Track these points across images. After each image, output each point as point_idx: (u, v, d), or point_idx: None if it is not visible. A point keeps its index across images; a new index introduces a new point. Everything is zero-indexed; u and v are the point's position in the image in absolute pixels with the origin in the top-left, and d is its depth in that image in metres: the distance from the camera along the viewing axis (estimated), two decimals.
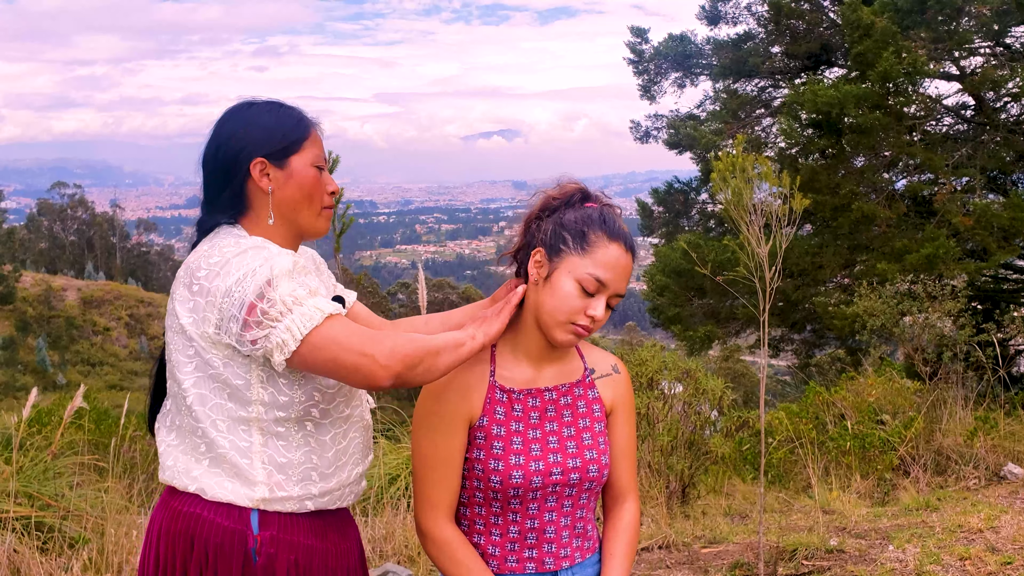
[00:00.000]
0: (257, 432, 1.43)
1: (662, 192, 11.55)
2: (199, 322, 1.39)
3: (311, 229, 1.54)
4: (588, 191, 1.59)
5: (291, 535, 1.45)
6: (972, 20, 8.26)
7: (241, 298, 1.35)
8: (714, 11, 10.98)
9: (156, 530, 1.48)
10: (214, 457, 1.44)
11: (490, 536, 1.54)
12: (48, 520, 3.75)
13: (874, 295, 6.93)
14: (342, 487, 1.53)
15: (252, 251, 1.40)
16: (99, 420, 5.79)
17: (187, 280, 1.41)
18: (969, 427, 5.57)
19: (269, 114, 1.51)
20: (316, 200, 1.52)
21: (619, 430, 1.64)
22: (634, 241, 1.55)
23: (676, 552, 3.84)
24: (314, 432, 1.47)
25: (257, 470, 1.43)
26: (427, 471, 1.52)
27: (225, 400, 1.42)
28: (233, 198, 1.49)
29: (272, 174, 1.49)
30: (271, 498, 1.44)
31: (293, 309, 1.35)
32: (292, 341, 1.35)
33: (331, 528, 1.53)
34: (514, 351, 1.58)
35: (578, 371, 1.62)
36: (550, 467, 1.52)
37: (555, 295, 1.49)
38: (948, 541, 3.48)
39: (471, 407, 1.53)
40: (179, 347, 1.44)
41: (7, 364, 40.42)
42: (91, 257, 59.38)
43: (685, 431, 4.79)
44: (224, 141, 1.50)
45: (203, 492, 1.44)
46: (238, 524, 1.42)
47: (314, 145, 1.53)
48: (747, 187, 3.41)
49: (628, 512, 1.65)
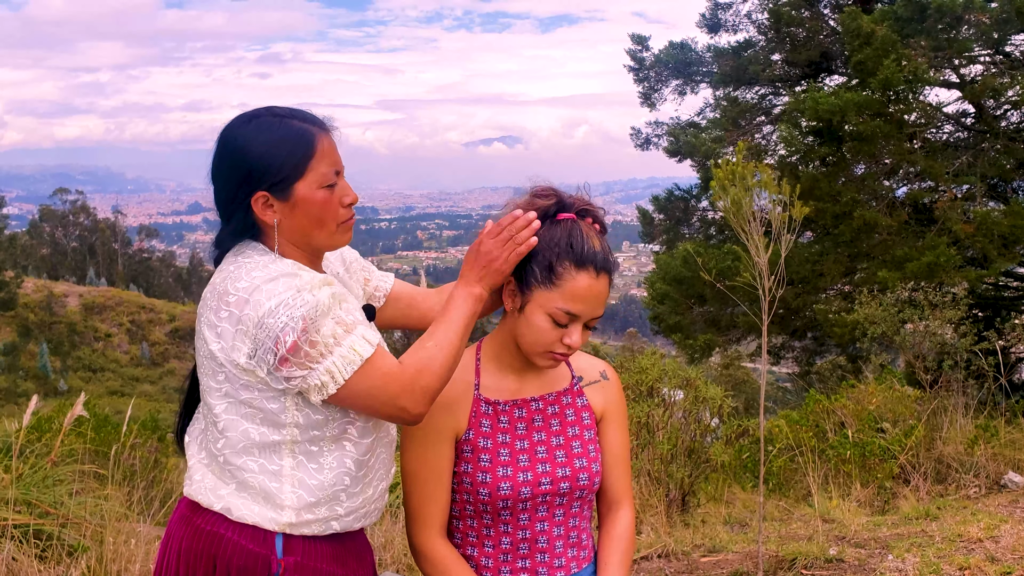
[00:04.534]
0: (288, 455, 1.41)
1: (662, 199, 11.56)
2: (228, 349, 1.35)
3: (329, 247, 1.49)
4: (563, 199, 1.51)
5: (314, 561, 1.44)
6: (972, 28, 8.28)
7: (275, 331, 1.31)
8: (714, 19, 11.01)
9: (176, 547, 1.45)
10: (241, 482, 1.42)
11: (483, 548, 1.54)
12: (47, 528, 3.75)
13: (874, 303, 6.92)
14: (367, 504, 1.51)
15: (284, 279, 1.34)
16: (99, 427, 5.79)
17: (215, 305, 1.37)
18: (970, 435, 5.55)
19: (269, 135, 1.40)
20: (328, 221, 1.44)
21: (611, 437, 1.63)
22: (609, 258, 1.48)
23: (675, 561, 3.83)
24: (352, 451, 1.45)
25: (287, 494, 1.41)
26: (416, 488, 1.52)
27: (258, 424, 1.40)
28: (245, 227, 1.44)
29: (276, 206, 1.41)
30: (297, 522, 1.42)
31: (334, 351, 1.33)
32: (332, 384, 1.34)
33: (350, 554, 1.52)
34: (498, 363, 1.57)
35: (565, 379, 1.62)
36: (539, 477, 1.51)
37: (529, 328, 1.47)
38: (948, 551, 3.47)
39: (456, 421, 1.52)
40: (209, 372, 1.41)
41: (9, 370, 40.45)
42: (93, 263, 59.46)
43: (685, 439, 4.79)
44: (224, 172, 1.42)
45: (229, 512, 1.42)
46: (263, 548, 1.40)
47: (322, 160, 1.42)
48: (747, 195, 3.42)
49: (623, 520, 1.63)
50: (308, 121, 1.44)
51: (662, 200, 11.57)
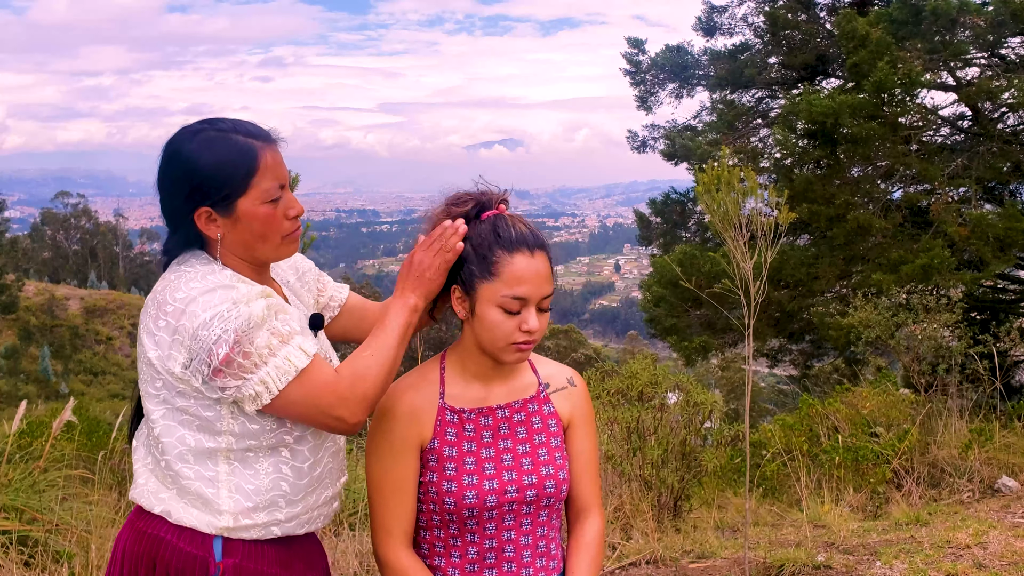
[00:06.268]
0: (224, 462, 1.43)
1: (659, 203, 11.56)
2: (165, 358, 1.38)
3: (274, 259, 1.51)
4: (481, 200, 1.53)
5: (255, 564, 1.44)
6: (967, 31, 8.27)
7: (209, 344, 1.33)
8: (710, 22, 11.01)
9: (121, 549, 1.48)
10: (180, 488, 1.43)
11: (450, 558, 1.53)
12: (34, 534, 3.75)
13: (868, 306, 6.91)
14: (310, 511, 1.52)
15: (221, 291, 1.37)
16: (91, 432, 5.78)
17: (154, 313, 1.40)
18: (964, 440, 5.53)
19: (211, 151, 1.40)
20: (272, 235, 1.45)
21: (578, 444, 1.62)
22: (538, 235, 1.49)
23: (663, 567, 3.81)
24: (289, 459, 1.47)
25: (224, 499, 1.42)
26: (381, 498, 1.51)
27: (194, 431, 1.42)
28: (190, 238, 1.46)
29: (220, 221, 1.43)
30: (235, 526, 1.43)
31: (268, 361, 1.35)
32: (266, 394, 1.36)
33: (297, 558, 1.52)
34: (463, 372, 1.57)
35: (532, 387, 1.61)
36: (505, 485, 1.50)
37: (485, 326, 1.48)
38: (935, 557, 3.45)
39: (421, 431, 1.51)
40: (147, 378, 1.43)
41: (10, 373, 40.48)
42: (94, 266, 59.52)
43: (676, 444, 4.77)
44: (169, 187, 1.44)
45: (168, 515, 1.43)
46: (200, 551, 1.42)
47: (265, 175, 1.42)
48: (731, 200, 3.41)
49: (591, 527, 1.62)
50: (252, 135, 1.44)
51: (659, 203, 11.58)
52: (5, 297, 39.73)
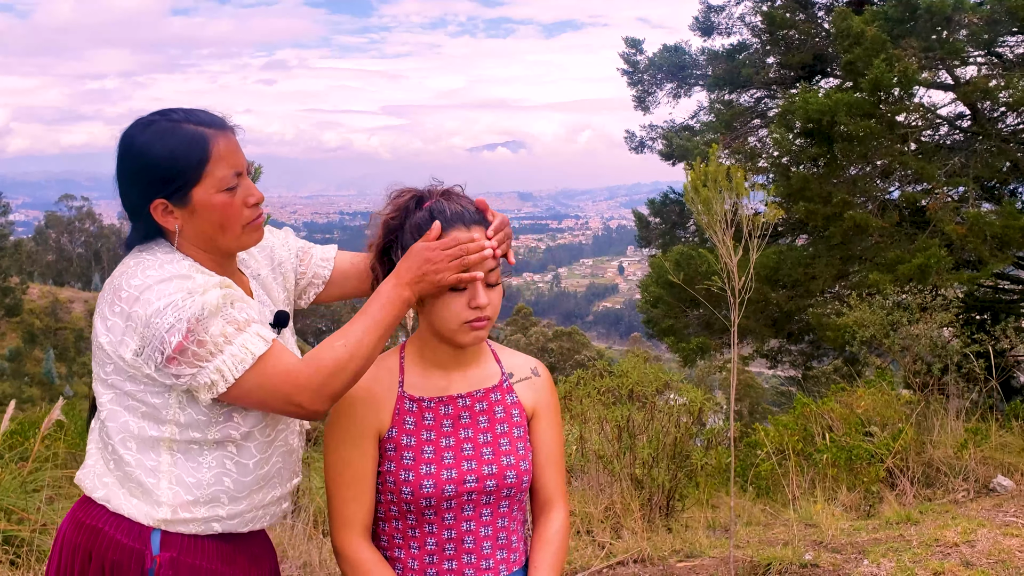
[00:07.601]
0: (166, 451, 1.41)
1: (658, 203, 11.53)
2: (116, 344, 1.37)
3: (237, 248, 1.49)
4: (421, 192, 1.53)
5: (194, 558, 1.42)
6: (963, 29, 8.24)
7: (161, 332, 1.32)
8: (707, 22, 10.99)
9: (60, 538, 1.47)
10: (123, 475, 1.42)
11: (408, 549, 1.51)
12: (22, 534, 3.75)
13: (864, 306, 6.88)
14: (254, 509, 1.50)
15: (177, 280, 1.36)
16: (82, 431, 5.79)
17: (109, 299, 1.39)
18: (960, 439, 5.50)
19: (162, 142, 1.39)
20: (231, 225, 1.43)
21: (542, 435, 1.61)
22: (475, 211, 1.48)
23: (651, 566, 3.79)
24: (234, 454, 1.45)
25: (163, 490, 1.41)
26: (339, 489, 1.49)
27: (139, 419, 1.41)
28: (150, 231, 1.45)
29: (176, 212, 1.41)
30: (174, 519, 1.41)
31: (224, 349, 1.34)
32: (222, 383, 1.35)
33: (241, 553, 1.49)
34: (422, 361, 1.55)
35: (494, 376, 1.59)
36: (464, 475, 1.49)
37: (436, 311, 1.47)
38: (923, 555, 3.43)
39: (380, 420, 1.50)
40: (99, 362, 1.43)
41: (14, 376, 40.60)
42: (98, 269, 59.61)
43: (667, 443, 4.75)
44: (125, 180, 1.43)
45: (108, 502, 1.42)
46: (137, 543, 1.40)
47: (219, 164, 1.40)
48: (718, 198, 3.40)
49: (556, 520, 1.60)
50: (204, 123, 1.42)
51: (658, 204, 11.55)
52: (9, 300, 39.86)
